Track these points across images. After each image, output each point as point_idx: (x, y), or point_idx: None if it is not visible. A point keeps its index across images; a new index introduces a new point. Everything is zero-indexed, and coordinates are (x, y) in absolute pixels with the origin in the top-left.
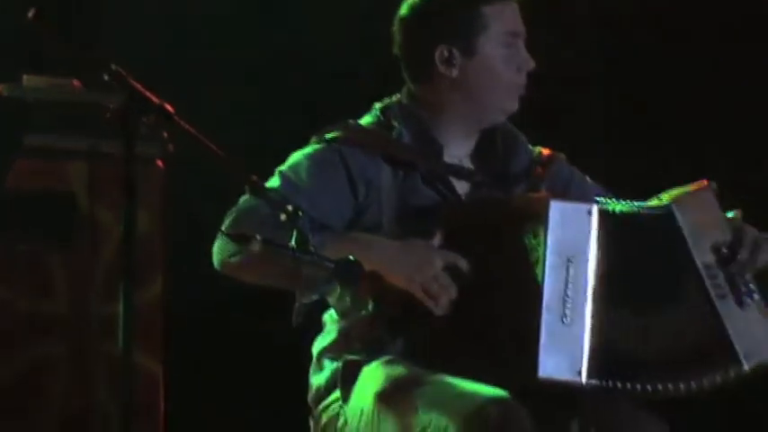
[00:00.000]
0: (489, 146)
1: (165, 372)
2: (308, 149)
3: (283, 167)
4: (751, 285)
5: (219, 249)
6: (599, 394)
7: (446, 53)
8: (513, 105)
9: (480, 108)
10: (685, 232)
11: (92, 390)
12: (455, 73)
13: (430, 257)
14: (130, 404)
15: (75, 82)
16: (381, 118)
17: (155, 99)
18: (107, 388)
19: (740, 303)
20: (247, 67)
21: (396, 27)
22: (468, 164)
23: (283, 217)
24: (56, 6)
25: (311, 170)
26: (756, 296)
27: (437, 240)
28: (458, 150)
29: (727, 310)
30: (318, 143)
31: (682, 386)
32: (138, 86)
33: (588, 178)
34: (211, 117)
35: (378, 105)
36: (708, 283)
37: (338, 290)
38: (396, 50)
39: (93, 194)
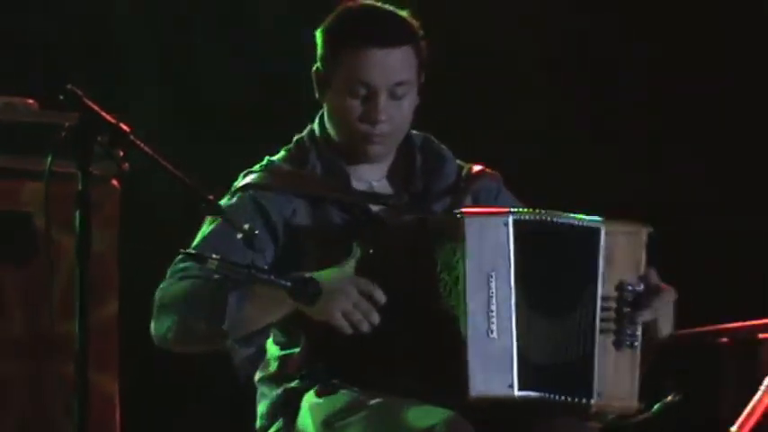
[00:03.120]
0: (407, 165)
1: (121, 391)
2: (223, 203)
3: (203, 230)
4: (638, 334)
5: (155, 332)
6: (531, 406)
7: (315, 76)
8: (365, 150)
9: (341, 142)
10: (601, 255)
11: (47, 410)
12: (317, 95)
13: (344, 286)
14: (86, 424)
15: (30, 101)
16: (294, 151)
17: (110, 118)
18: (63, 408)
19: (618, 345)
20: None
21: None
22: (384, 185)
23: (240, 236)
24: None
25: (228, 226)
26: (636, 345)
27: (352, 266)
28: (368, 174)
29: (603, 345)
30: (233, 195)
31: (545, 395)
32: (93, 105)
33: (518, 202)
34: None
35: (295, 137)
36: (598, 312)
37: (271, 331)
38: None
39: (49, 214)
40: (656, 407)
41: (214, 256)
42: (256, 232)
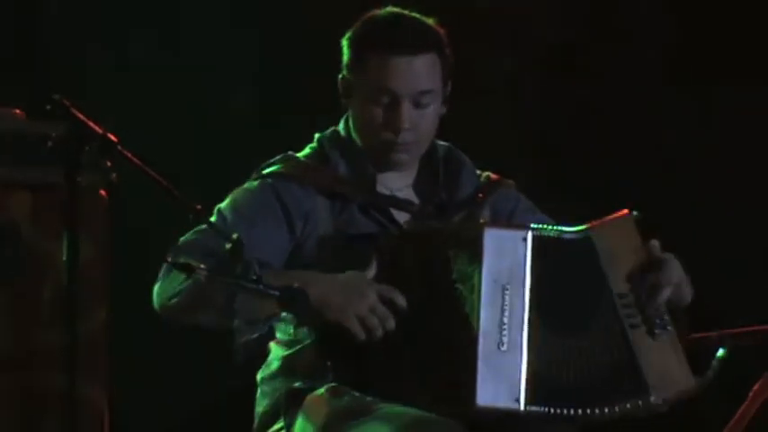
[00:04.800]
0: (430, 175)
1: (111, 403)
2: (244, 186)
3: (221, 205)
4: (665, 317)
5: (159, 292)
6: (537, 421)
7: (341, 83)
8: (388, 158)
9: (366, 149)
10: (601, 259)
11: (36, 423)
12: (344, 102)
13: (364, 290)
14: None
15: (17, 111)
16: (318, 149)
17: (98, 128)
18: (52, 420)
19: (652, 334)
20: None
21: None
22: (410, 194)
23: (228, 246)
24: None
25: (246, 208)
26: (669, 328)
27: (372, 271)
28: (392, 182)
29: (639, 340)
30: (255, 180)
31: (597, 411)
32: (81, 115)
33: (537, 209)
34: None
35: (317, 135)
36: (621, 311)
37: (280, 320)
38: None
39: (37, 225)
40: (713, 366)
41: (202, 266)
42: (243, 243)
